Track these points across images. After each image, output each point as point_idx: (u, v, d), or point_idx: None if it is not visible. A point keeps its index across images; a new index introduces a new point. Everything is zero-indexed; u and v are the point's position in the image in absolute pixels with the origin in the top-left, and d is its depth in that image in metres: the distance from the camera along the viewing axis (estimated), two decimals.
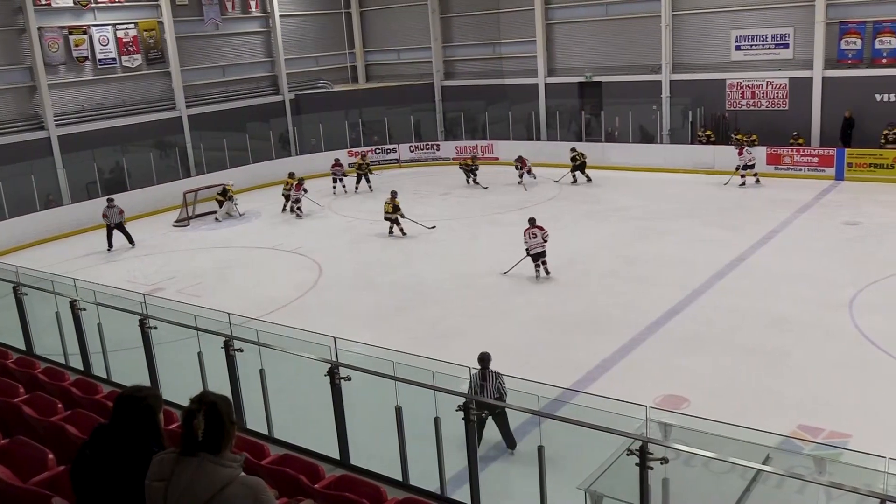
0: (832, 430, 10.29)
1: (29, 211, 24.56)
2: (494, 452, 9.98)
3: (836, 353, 12.84)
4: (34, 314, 11.53)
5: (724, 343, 13.48)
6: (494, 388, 9.59)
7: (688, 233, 20.29)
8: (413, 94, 34.57)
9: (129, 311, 9.83)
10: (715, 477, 7.21)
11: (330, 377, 7.66)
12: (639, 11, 29.62)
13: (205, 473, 3.51)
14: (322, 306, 16.85)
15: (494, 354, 10.07)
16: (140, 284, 18.23)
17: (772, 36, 27.24)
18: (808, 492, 6.76)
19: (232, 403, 3.77)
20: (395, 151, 32.71)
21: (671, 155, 28.11)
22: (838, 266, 17.01)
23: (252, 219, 25.46)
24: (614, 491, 6.60)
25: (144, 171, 27.96)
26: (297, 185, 25.14)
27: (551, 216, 23.05)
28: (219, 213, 25.52)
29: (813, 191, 23.70)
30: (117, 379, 9.59)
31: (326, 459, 6.99)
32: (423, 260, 19.78)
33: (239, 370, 8.71)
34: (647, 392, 11.17)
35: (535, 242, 17.20)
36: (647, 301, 15.54)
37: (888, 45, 25.11)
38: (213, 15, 31.65)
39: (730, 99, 28.22)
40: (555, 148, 29.90)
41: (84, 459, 4.10)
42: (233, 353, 8.59)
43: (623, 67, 30.21)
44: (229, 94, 32.57)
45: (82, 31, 28.01)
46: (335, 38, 36.43)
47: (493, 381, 9.60)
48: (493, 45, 33.83)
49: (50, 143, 26.84)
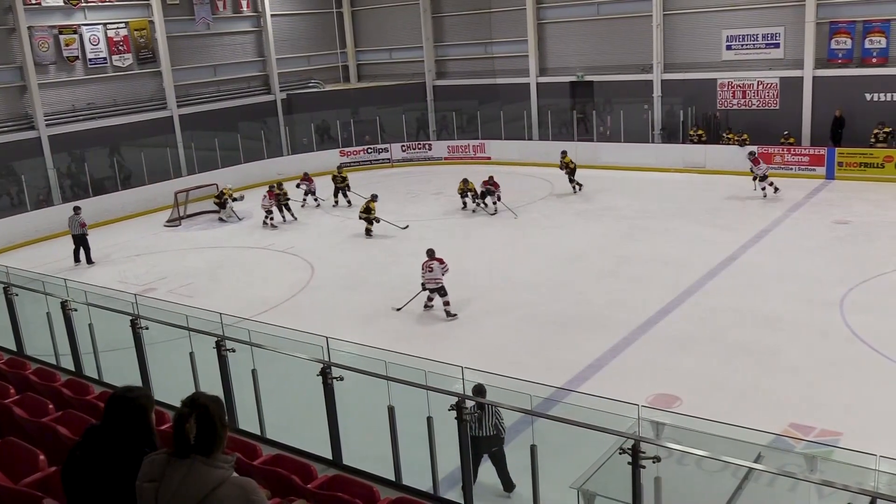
0: (823, 429, 10.33)
1: (20, 211, 24.45)
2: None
3: (827, 352, 12.89)
4: (25, 315, 11.48)
5: (716, 342, 13.52)
6: (492, 425, 8.87)
7: (679, 232, 20.34)
8: (405, 94, 34.55)
9: (121, 312, 9.80)
10: (707, 475, 7.22)
11: (322, 377, 7.65)
12: (630, 11, 29.68)
13: (196, 474, 3.50)
14: (314, 306, 16.83)
15: (487, 354, 10.09)
16: (131, 285, 18.17)
17: (762, 36, 27.33)
18: (799, 490, 6.80)
19: (224, 405, 3.76)
20: (387, 151, 32.69)
21: (663, 154, 28.17)
22: (829, 265, 17.08)
23: (244, 218, 25.40)
24: (607, 490, 6.61)
25: (136, 170, 27.87)
26: (268, 192, 24.19)
27: (543, 215, 23.16)
28: (223, 213, 25.38)
29: (804, 190, 23.79)
30: (109, 379, 9.55)
31: (319, 459, 6.98)
32: (416, 260, 19.65)
33: (231, 370, 8.69)
34: (639, 391, 11.19)
35: (431, 277, 15.59)
36: (638, 300, 15.57)
37: (878, 44, 25.22)
38: (204, 14, 31.56)
39: (721, 98, 28.30)
40: (547, 147, 29.98)
41: (75, 460, 4.09)
42: (225, 354, 8.57)
43: (614, 67, 30.26)
44: (221, 94, 32.49)
45: (72, 30, 27.90)
46: (327, 37, 36.39)
47: (490, 418, 8.82)
48: (485, 44, 33.85)
49: (40, 143, 26.74)
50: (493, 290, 16.91)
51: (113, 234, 24.55)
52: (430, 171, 31.15)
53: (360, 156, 32.47)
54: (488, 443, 8.97)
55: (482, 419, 8.79)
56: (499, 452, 9.09)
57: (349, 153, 32.36)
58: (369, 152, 32.53)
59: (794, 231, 19.93)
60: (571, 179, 25.73)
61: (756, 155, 23.56)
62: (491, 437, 8.94)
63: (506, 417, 8.99)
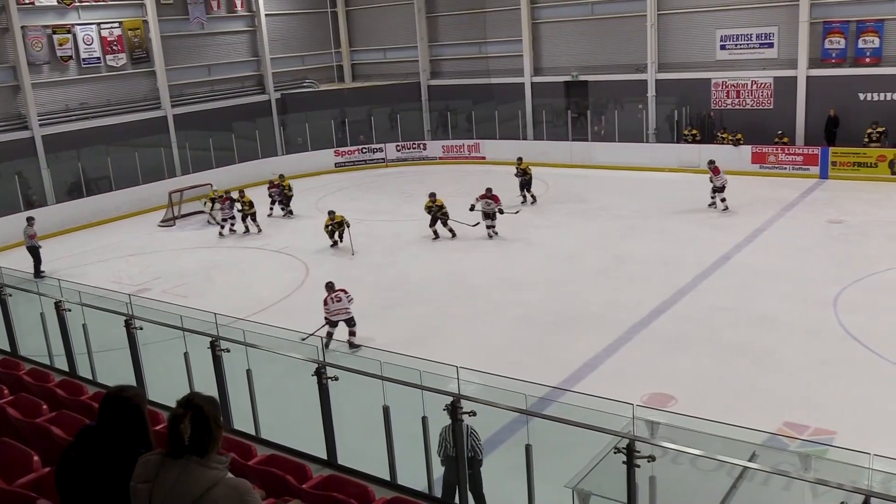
0: (817, 427, 10.36)
1: (13, 211, 24.38)
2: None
3: (820, 351, 12.93)
4: (18, 315, 11.45)
5: (711, 341, 13.54)
6: (469, 447, 8.26)
7: (674, 232, 20.37)
8: (399, 94, 34.53)
9: (115, 312, 9.78)
10: (702, 474, 7.24)
11: (317, 377, 7.65)
12: (624, 11, 29.72)
13: (190, 475, 3.49)
14: (309, 306, 16.77)
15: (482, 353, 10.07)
16: (125, 285, 18.13)
17: (756, 35, 27.39)
18: (793, 488, 6.82)
19: (219, 405, 3.75)
20: (382, 151, 32.66)
21: (657, 154, 28.21)
22: (823, 264, 17.12)
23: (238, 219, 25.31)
24: (602, 489, 6.60)
25: (129, 170, 27.79)
26: (223, 198, 23.64)
27: (538, 215, 23.14)
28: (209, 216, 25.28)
29: (798, 189, 23.84)
30: (103, 380, 9.54)
31: (314, 459, 6.97)
32: (411, 260, 19.76)
33: (225, 370, 8.68)
34: (633, 390, 11.21)
35: (340, 307, 14.33)
36: (633, 299, 15.59)
37: (871, 44, 25.30)
38: (198, 14, 31.51)
39: (715, 98, 28.35)
40: (542, 147, 30.04)
41: (69, 461, 4.08)
42: (219, 354, 8.56)
43: (609, 67, 30.28)
44: (215, 94, 32.43)
45: (66, 30, 27.82)
46: (321, 37, 36.36)
47: (466, 439, 8.15)
48: (480, 44, 33.84)
49: (34, 143, 26.66)
50: (488, 289, 16.91)
51: (107, 234, 24.50)
52: (424, 171, 31.13)
53: (355, 156, 32.44)
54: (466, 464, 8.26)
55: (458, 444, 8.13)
56: (476, 475, 8.61)
57: (344, 153, 32.34)
58: (364, 152, 32.50)
59: (787, 230, 19.97)
60: (526, 188, 23.95)
61: (716, 164, 22.13)
62: (468, 459, 8.32)
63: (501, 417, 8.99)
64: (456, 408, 6.85)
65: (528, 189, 24.10)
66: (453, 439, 7.45)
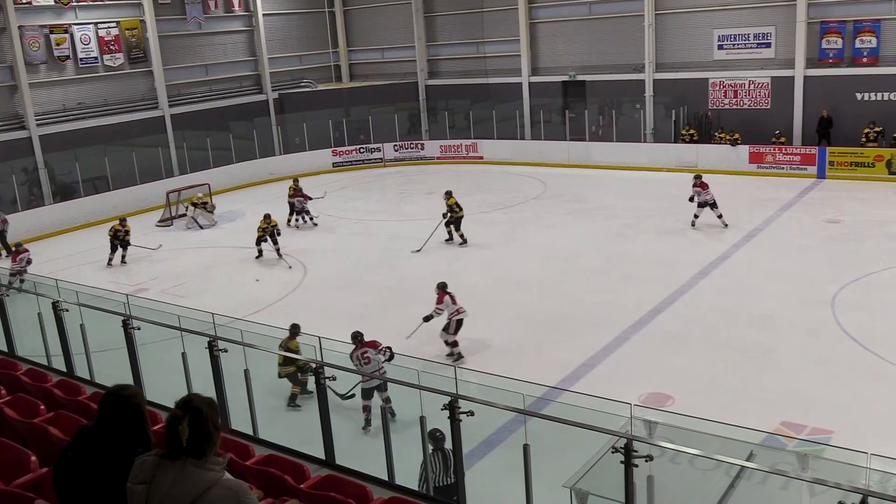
0: (815, 427, 10.37)
1: (11, 211, 24.34)
2: (480, 451, 9.98)
3: (818, 351, 12.95)
4: (16, 315, 11.45)
5: (708, 341, 13.56)
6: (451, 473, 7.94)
7: (671, 231, 20.37)
8: (397, 93, 34.52)
9: (112, 312, 9.78)
10: (699, 474, 7.24)
11: (315, 377, 7.65)
12: (622, 11, 29.72)
13: (187, 477, 3.49)
14: (306, 306, 16.80)
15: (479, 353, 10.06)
16: (123, 285, 18.11)
17: (754, 35, 27.41)
18: (791, 488, 6.82)
19: (217, 407, 3.75)
20: (380, 150, 32.65)
21: (655, 154, 28.22)
22: (820, 264, 17.13)
23: (236, 218, 25.34)
24: (599, 489, 6.61)
25: (127, 170, 27.76)
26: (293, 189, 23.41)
27: (535, 214, 23.16)
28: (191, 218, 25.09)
29: (795, 189, 23.86)
30: (100, 380, 9.52)
31: (312, 459, 6.96)
32: (407, 259, 19.73)
33: (223, 370, 8.67)
34: (631, 390, 11.21)
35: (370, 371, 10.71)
36: (631, 299, 15.60)
37: (868, 44, 25.32)
38: (195, 14, 31.46)
39: (712, 98, 28.36)
40: (539, 147, 30.04)
41: (67, 461, 4.07)
42: (217, 354, 8.56)
43: (606, 66, 30.28)
44: (212, 94, 32.38)
45: (63, 29, 27.77)
46: (319, 36, 36.32)
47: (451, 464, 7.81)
48: (477, 44, 33.83)
49: (31, 143, 26.61)
50: (485, 289, 16.90)
51: (104, 233, 24.42)
52: (422, 170, 31.14)
53: (353, 155, 32.44)
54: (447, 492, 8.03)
55: (446, 464, 8.08)
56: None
57: (342, 153, 32.33)
58: (361, 152, 32.49)
59: (785, 230, 19.99)
60: (454, 227, 20.29)
61: (702, 178, 20.56)
62: (444, 486, 8.11)
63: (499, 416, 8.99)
64: (454, 407, 6.85)
65: (458, 228, 20.36)
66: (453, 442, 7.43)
